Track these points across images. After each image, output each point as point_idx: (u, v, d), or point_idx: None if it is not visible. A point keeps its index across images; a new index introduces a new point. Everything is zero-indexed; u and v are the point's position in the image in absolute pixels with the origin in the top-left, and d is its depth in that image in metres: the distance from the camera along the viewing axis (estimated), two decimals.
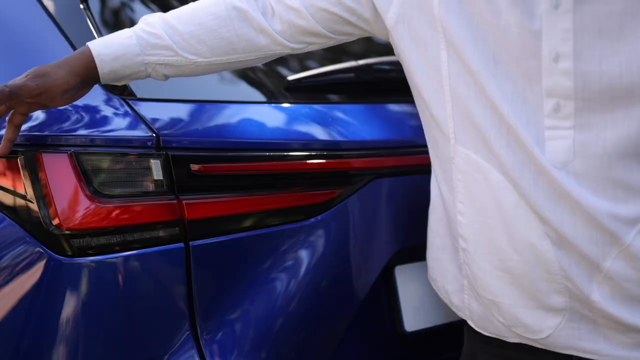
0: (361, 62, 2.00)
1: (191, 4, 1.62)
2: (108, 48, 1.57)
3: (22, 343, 1.62)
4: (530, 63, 1.39)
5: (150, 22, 1.59)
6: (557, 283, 1.44)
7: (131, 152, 1.65)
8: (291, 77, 1.94)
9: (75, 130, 1.65)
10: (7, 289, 1.61)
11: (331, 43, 1.65)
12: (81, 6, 1.87)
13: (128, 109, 1.72)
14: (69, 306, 1.59)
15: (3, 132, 1.60)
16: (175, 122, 1.74)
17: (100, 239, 1.61)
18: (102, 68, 1.57)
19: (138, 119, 1.70)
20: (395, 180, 1.86)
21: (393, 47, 1.57)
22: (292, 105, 1.89)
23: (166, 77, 1.64)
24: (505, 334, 1.55)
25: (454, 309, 1.65)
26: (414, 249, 1.93)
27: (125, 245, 1.63)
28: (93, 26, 1.84)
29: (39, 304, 1.61)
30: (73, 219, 1.59)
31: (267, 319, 1.72)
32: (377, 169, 1.84)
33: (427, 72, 1.49)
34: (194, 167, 1.67)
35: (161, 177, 1.66)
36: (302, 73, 1.96)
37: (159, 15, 1.61)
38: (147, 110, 1.72)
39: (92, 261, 1.60)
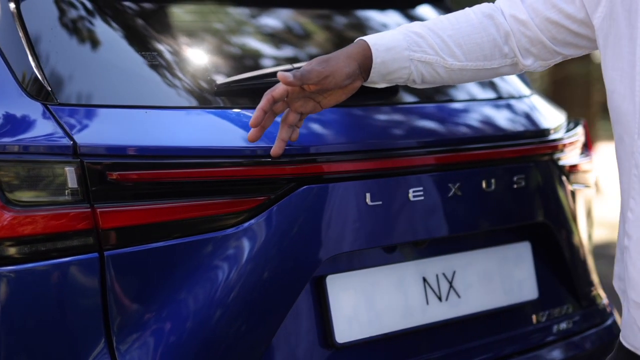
0: (296, 65, 1.94)
1: (441, 16, 1.75)
2: (381, 39, 1.70)
3: None
4: None
5: (412, 25, 1.73)
6: None
7: (45, 159, 1.62)
8: (220, 81, 1.88)
9: None
10: None
11: (557, 59, 1.74)
12: (11, 5, 1.82)
13: (46, 114, 1.68)
14: None
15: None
16: (94, 128, 1.69)
17: (12, 249, 1.59)
18: (376, 57, 1.68)
19: (55, 125, 1.66)
20: (325, 188, 1.81)
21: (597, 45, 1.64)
22: (218, 110, 1.84)
23: (422, 80, 1.74)
24: None
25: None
26: (346, 258, 1.88)
27: (38, 255, 1.60)
28: (20, 26, 1.79)
29: None
30: None
31: (186, 331, 1.68)
32: (304, 176, 1.78)
33: (624, 67, 1.54)
34: (111, 175, 1.63)
35: (76, 186, 1.62)
36: (231, 77, 1.90)
37: (416, 22, 1.75)
38: (66, 115, 1.68)
39: (4, 271, 1.57)
